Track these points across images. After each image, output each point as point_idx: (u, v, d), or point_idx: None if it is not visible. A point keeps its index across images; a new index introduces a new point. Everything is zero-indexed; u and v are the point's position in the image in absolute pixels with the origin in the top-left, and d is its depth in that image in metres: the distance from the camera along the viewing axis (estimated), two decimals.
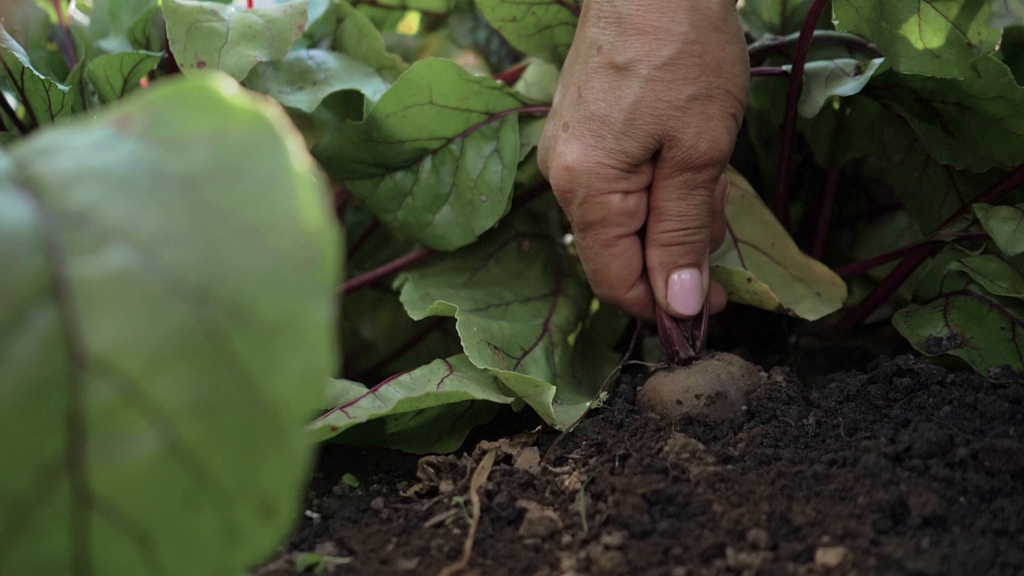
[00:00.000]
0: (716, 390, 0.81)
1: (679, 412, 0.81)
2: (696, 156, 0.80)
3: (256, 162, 0.39)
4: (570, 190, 0.83)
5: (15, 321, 0.35)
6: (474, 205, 0.97)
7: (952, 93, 0.90)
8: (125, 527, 0.35)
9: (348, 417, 0.78)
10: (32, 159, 0.41)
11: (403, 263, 1.04)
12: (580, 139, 0.81)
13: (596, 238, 0.84)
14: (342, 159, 0.99)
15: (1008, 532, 0.61)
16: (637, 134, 0.79)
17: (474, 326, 0.86)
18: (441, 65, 0.95)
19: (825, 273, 0.95)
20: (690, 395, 0.81)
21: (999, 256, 0.87)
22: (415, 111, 0.95)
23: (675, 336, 0.85)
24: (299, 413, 0.36)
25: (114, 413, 0.34)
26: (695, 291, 0.85)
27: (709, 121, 0.79)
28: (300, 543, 0.69)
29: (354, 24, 1.09)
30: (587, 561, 0.63)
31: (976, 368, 0.81)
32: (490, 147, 0.97)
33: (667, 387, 0.83)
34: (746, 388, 0.82)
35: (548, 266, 1.05)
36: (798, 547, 0.61)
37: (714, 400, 0.80)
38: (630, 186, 0.82)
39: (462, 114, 0.96)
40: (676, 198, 0.82)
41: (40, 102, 0.89)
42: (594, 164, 0.80)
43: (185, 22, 0.88)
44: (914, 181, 1.01)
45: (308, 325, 0.36)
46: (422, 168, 0.98)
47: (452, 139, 0.97)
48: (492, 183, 0.96)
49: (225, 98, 0.41)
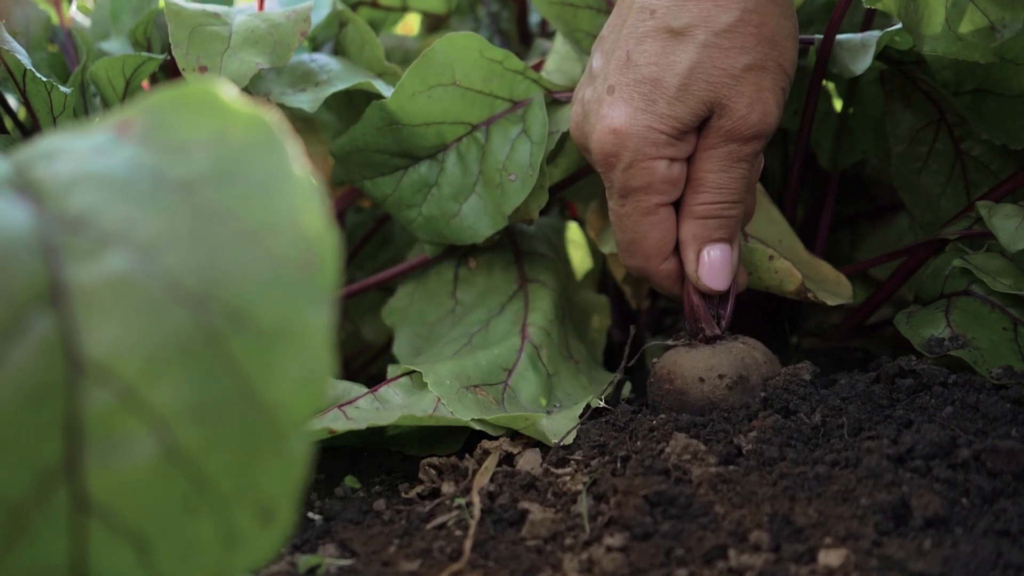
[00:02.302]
0: (740, 373, 0.80)
1: (699, 390, 0.80)
2: (746, 127, 0.79)
3: (256, 166, 0.39)
4: (615, 154, 0.80)
5: (14, 326, 0.35)
6: (503, 187, 0.94)
7: (970, 80, 0.90)
8: (123, 533, 0.35)
9: (346, 419, 0.78)
10: (32, 163, 0.41)
11: (405, 268, 1.04)
12: (629, 102, 0.79)
13: (637, 205, 0.82)
14: (364, 151, 0.97)
15: (1010, 533, 0.61)
16: (690, 100, 0.78)
17: (446, 379, 0.84)
18: (463, 41, 0.93)
19: (831, 272, 0.95)
20: (713, 374, 0.80)
21: (1002, 254, 0.87)
22: (440, 91, 0.94)
23: (703, 313, 0.84)
24: (298, 418, 0.36)
25: (112, 418, 0.34)
26: (726, 267, 0.83)
27: (761, 92, 0.78)
28: (302, 545, 0.69)
29: (356, 30, 1.08)
30: (589, 562, 0.63)
31: (978, 369, 0.81)
32: (517, 129, 0.95)
33: (689, 363, 0.82)
34: (766, 375, 0.82)
35: (505, 260, 1.03)
36: (800, 548, 0.61)
37: (736, 383, 0.80)
38: (677, 153, 0.80)
39: (486, 99, 0.95)
40: (718, 169, 0.81)
41: (42, 104, 0.89)
42: (644, 128, 0.79)
43: (188, 26, 0.88)
44: (914, 173, 1.01)
45: (308, 329, 0.36)
46: (447, 158, 0.97)
47: (477, 126, 0.96)
48: (521, 161, 0.94)
49: (225, 102, 0.41)
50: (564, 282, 1.04)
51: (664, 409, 0.83)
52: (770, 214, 0.97)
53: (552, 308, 0.97)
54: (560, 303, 1.00)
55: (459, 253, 1.03)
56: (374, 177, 0.99)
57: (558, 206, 1.31)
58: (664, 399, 0.83)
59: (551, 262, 1.03)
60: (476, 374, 0.86)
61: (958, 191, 1.00)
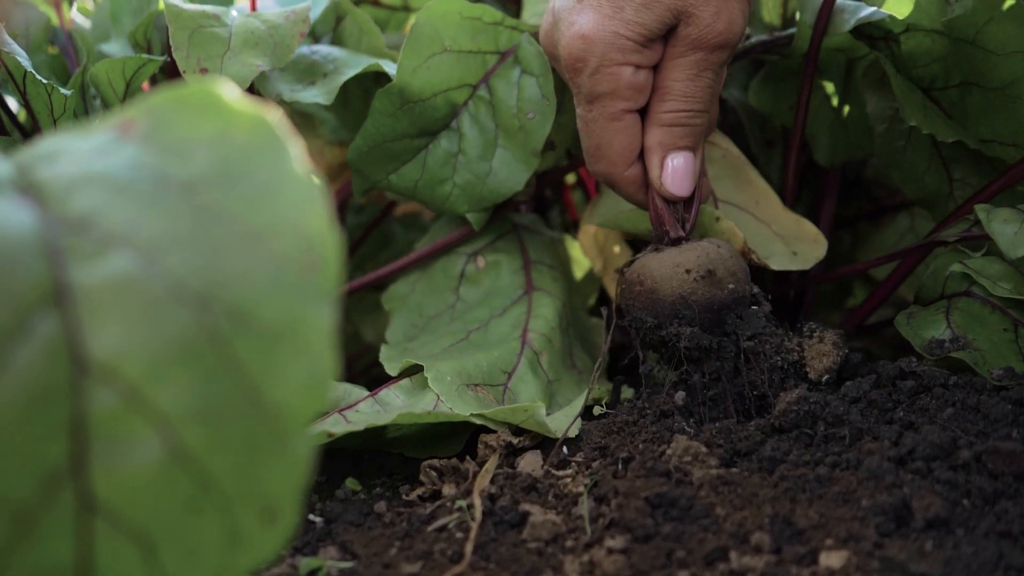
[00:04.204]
0: (707, 268, 0.82)
1: (668, 286, 0.82)
2: (712, 36, 0.81)
3: (258, 167, 0.39)
4: (583, 59, 0.83)
5: (18, 328, 0.35)
6: (525, 128, 0.96)
7: (956, 73, 0.90)
8: (128, 533, 0.35)
9: (346, 422, 0.78)
10: (34, 164, 0.41)
11: (404, 263, 1.04)
12: (597, 9, 0.82)
13: (603, 110, 0.84)
14: (382, 144, 0.98)
15: (1012, 534, 0.61)
16: (657, 7, 0.80)
17: (447, 375, 0.85)
18: (441, 7, 0.95)
19: (810, 230, 0.97)
20: (680, 270, 0.82)
21: (1001, 258, 0.87)
22: (436, 60, 0.95)
23: (666, 216, 0.87)
24: (301, 418, 0.36)
25: (117, 419, 0.34)
26: (689, 173, 0.86)
27: (727, 2, 0.81)
28: (303, 547, 0.69)
29: (354, 22, 1.09)
30: (590, 564, 0.63)
31: (978, 370, 0.81)
32: (516, 73, 0.97)
33: (656, 263, 0.84)
34: (734, 269, 0.83)
35: (513, 266, 1.04)
36: (801, 550, 0.61)
37: (704, 276, 0.81)
38: (643, 60, 0.83)
39: (477, 57, 0.96)
40: (685, 78, 0.83)
41: (42, 106, 0.89)
42: (610, 34, 0.81)
43: (188, 27, 0.88)
44: (899, 151, 1.02)
45: (310, 330, 0.36)
46: (462, 123, 0.98)
47: (478, 85, 0.97)
48: (532, 98, 0.96)
49: (227, 103, 0.41)
50: (569, 295, 1.06)
51: (636, 311, 0.84)
52: (747, 176, 0.99)
53: (556, 317, 0.98)
54: (564, 313, 1.01)
55: (468, 251, 1.04)
56: (398, 168, 1.00)
57: (558, 210, 1.32)
58: (635, 301, 0.84)
59: (558, 274, 1.04)
60: (477, 374, 0.87)
61: (938, 168, 1.01)
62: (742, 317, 0.83)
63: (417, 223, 1.32)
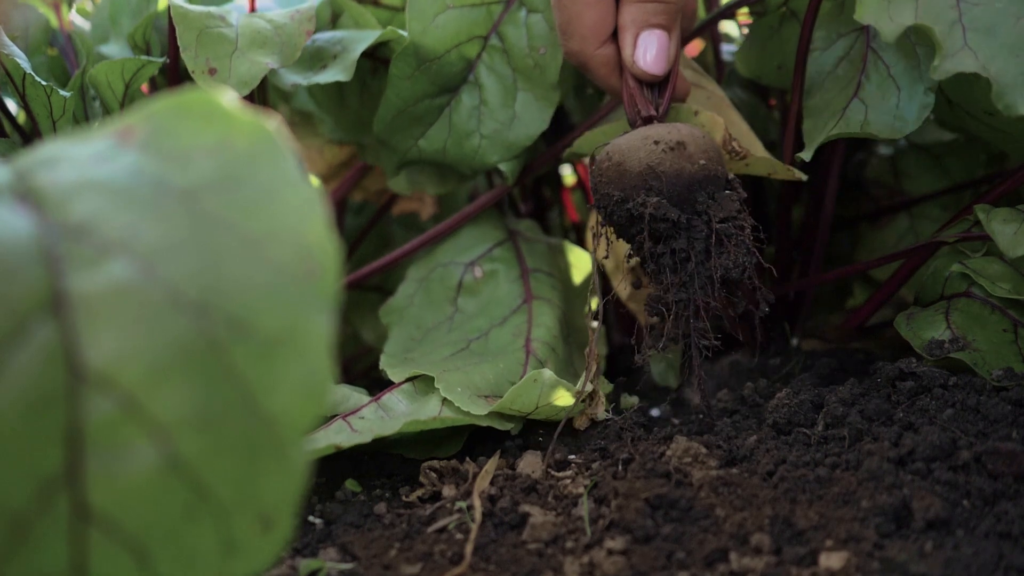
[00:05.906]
0: (677, 140, 0.80)
1: (635, 158, 0.80)
2: None
3: (258, 174, 0.39)
4: None
5: (15, 334, 0.35)
6: (539, 65, 0.98)
7: None
8: (123, 541, 0.35)
9: (351, 430, 0.78)
10: (33, 170, 0.41)
11: (401, 253, 1.05)
12: None
13: None
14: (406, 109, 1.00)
15: (1012, 535, 0.61)
16: None
17: (457, 386, 0.85)
18: None
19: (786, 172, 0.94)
20: (648, 142, 0.80)
21: (1001, 258, 0.87)
22: (442, 19, 0.97)
23: (639, 96, 0.86)
24: (299, 426, 0.36)
25: (113, 427, 0.34)
26: (663, 52, 0.85)
27: None
28: (303, 549, 0.69)
29: (351, 19, 1.09)
30: (590, 566, 0.63)
31: (978, 371, 0.81)
32: (522, 14, 0.99)
33: (626, 139, 0.82)
34: (706, 147, 0.81)
35: (511, 275, 1.04)
36: (801, 551, 0.61)
37: (672, 148, 0.79)
38: None
39: (480, 8, 0.98)
40: None
41: (41, 108, 0.89)
42: None
43: (195, 28, 0.88)
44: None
45: (308, 338, 0.36)
46: (480, 75, 1.00)
47: (488, 36, 0.99)
48: (541, 33, 0.98)
49: (227, 110, 0.41)
50: (569, 302, 1.06)
51: (603, 187, 0.82)
52: (730, 118, 0.98)
53: (556, 325, 0.98)
54: (563, 321, 1.01)
55: (465, 260, 1.04)
56: (425, 132, 1.02)
57: (558, 211, 1.31)
58: (604, 176, 0.82)
59: (557, 281, 1.04)
60: (484, 386, 0.87)
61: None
62: (714, 198, 0.80)
63: (416, 223, 1.32)
